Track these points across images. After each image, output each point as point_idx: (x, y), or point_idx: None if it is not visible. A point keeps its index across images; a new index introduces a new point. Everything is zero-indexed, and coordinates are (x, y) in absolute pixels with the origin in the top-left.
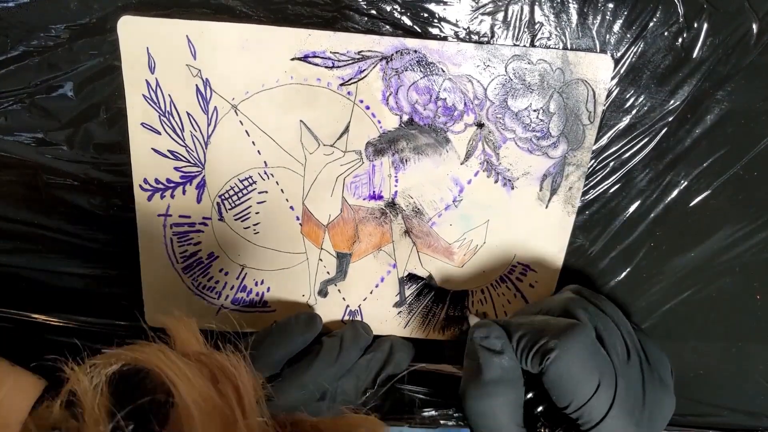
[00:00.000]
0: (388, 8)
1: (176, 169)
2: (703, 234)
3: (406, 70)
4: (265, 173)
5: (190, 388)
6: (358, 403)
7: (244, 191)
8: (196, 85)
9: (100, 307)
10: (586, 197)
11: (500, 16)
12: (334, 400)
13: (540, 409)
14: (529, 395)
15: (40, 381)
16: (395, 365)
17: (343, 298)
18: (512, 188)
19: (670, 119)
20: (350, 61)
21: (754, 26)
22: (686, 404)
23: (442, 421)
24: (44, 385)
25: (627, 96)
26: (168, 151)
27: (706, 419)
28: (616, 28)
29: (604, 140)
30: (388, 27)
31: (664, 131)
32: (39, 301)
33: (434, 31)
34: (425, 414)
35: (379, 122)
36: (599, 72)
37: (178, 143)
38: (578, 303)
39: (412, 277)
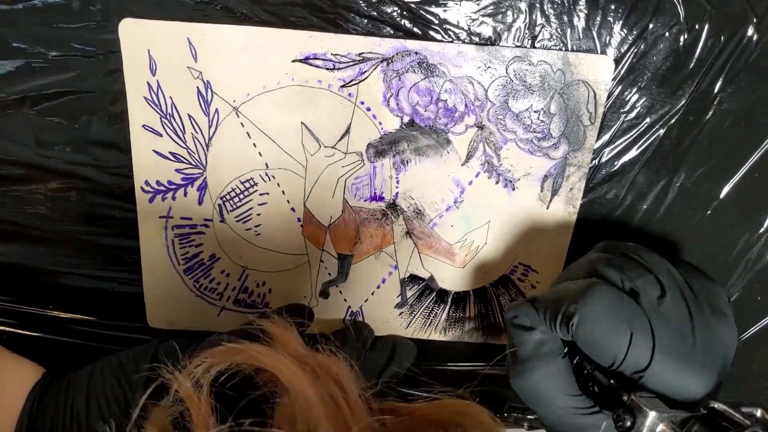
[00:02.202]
0: (389, 10)
1: (177, 171)
2: (704, 235)
3: (407, 72)
4: (267, 175)
5: (303, 385)
6: None
7: (246, 193)
8: (198, 87)
9: (100, 307)
10: (587, 198)
11: (501, 17)
12: None
13: (589, 368)
14: (577, 358)
15: (38, 367)
16: (398, 364)
17: (345, 300)
18: (513, 189)
19: (671, 120)
20: (351, 63)
21: (754, 27)
22: None
23: None
24: (42, 372)
25: (628, 97)
26: (169, 153)
27: None
28: (617, 29)
29: (604, 141)
30: (388, 29)
31: (664, 132)
32: (39, 301)
33: (435, 32)
34: None
35: (380, 124)
36: (600, 73)
37: (179, 145)
38: (601, 260)
39: (413, 278)
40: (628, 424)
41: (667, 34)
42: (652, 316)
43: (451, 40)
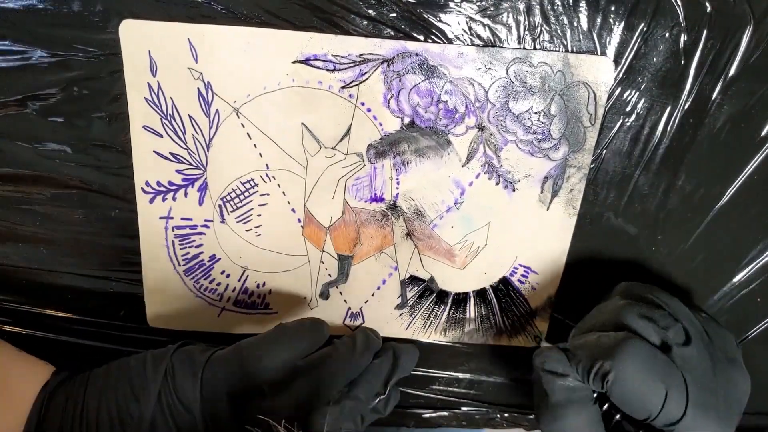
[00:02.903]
0: (389, 11)
1: (178, 171)
2: (704, 237)
3: (408, 73)
4: (267, 176)
5: None
6: (369, 409)
7: (246, 194)
8: (198, 88)
9: (101, 307)
10: (587, 199)
11: (501, 19)
12: (345, 407)
13: (617, 417)
14: (605, 406)
15: (48, 366)
16: (402, 369)
17: (345, 300)
18: (513, 190)
19: (672, 122)
20: (351, 64)
21: (754, 29)
22: None
23: (442, 423)
24: (52, 371)
25: (628, 98)
26: (170, 153)
27: None
28: (617, 30)
29: (605, 142)
30: (389, 30)
31: (665, 134)
32: (40, 301)
33: (435, 34)
34: (425, 416)
35: (381, 125)
36: (600, 74)
37: (179, 146)
38: (629, 310)
39: (413, 279)
40: None
41: (667, 35)
42: (685, 369)
43: (451, 41)
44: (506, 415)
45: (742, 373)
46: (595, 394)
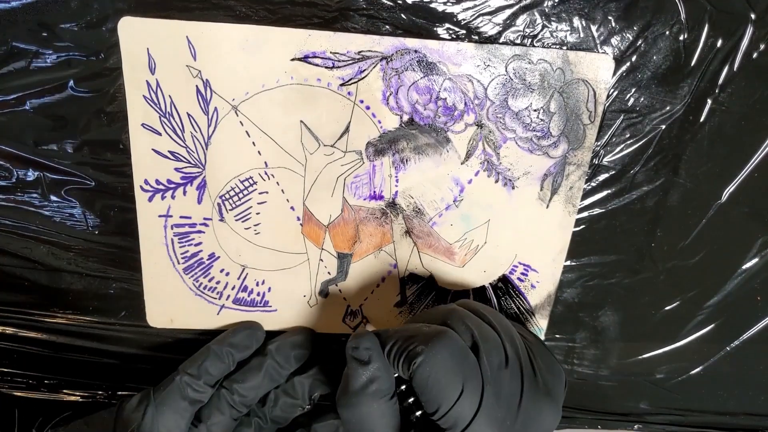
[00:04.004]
0: (388, 8)
1: (177, 169)
2: (704, 235)
3: (407, 70)
4: (266, 174)
5: None
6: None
7: (245, 192)
8: (197, 85)
9: (101, 307)
10: (587, 197)
11: (500, 15)
12: (265, 419)
13: (418, 413)
14: (411, 399)
15: None
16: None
17: (344, 298)
18: (513, 188)
19: (671, 119)
20: (350, 62)
21: (755, 27)
22: (687, 405)
23: None
24: None
25: (627, 96)
26: (168, 151)
27: (706, 420)
28: (617, 27)
29: (604, 140)
30: (387, 27)
31: (664, 131)
32: (40, 301)
33: (434, 30)
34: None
35: (380, 122)
36: (600, 72)
37: (178, 144)
38: (456, 313)
39: (413, 277)
40: None
41: (667, 32)
42: (488, 380)
43: (450, 38)
44: None
45: (554, 410)
46: (396, 391)
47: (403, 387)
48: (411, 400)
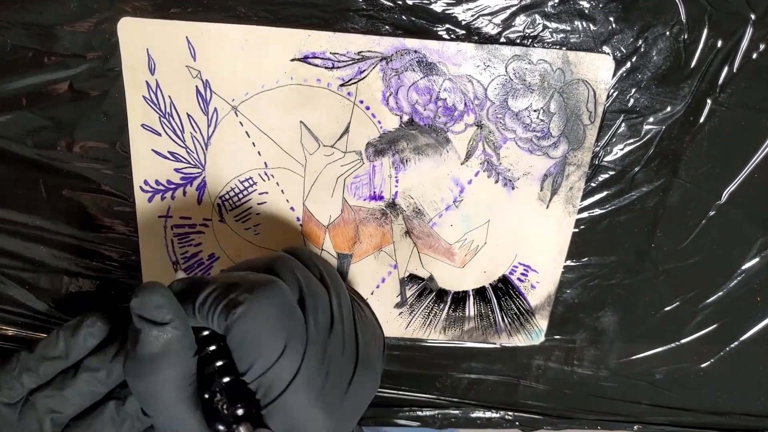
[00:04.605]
0: (388, 8)
1: (176, 170)
2: (704, 235)
3: (406, 71)
4: (266, 174)
5: None
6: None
7: (245, 192)
8: (196, 86)
9: (101, 307)
10: (587, 197)
11: (500, 16)
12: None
13: (226, 380)
14: (219, 363)
15: None
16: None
17: None
18: (513, 188)
19: (671, 120)
20: (350, 62)
21: (755, 27)
22: (686, 405)
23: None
24: None
25: (628, 96)
26: (168, 152)
27: (706, 420)
28: (617, 28)
29: (604, 140)
30: (387, 27)
31: (665, 132)
32: (41, 301)
33: (434, 31)
34: (424, 414)
35: (380, 123)
36: (600, 72)
37: (178, 144)
38: (285, 261)
39: (412, 278)
40: None
41: (667, 33)
42: (312, 341)
43: (450, 38)
44: (506, 415)
45: (371, 378)
46: (197, 353)
47: (212, 348)
48: (219, 364)
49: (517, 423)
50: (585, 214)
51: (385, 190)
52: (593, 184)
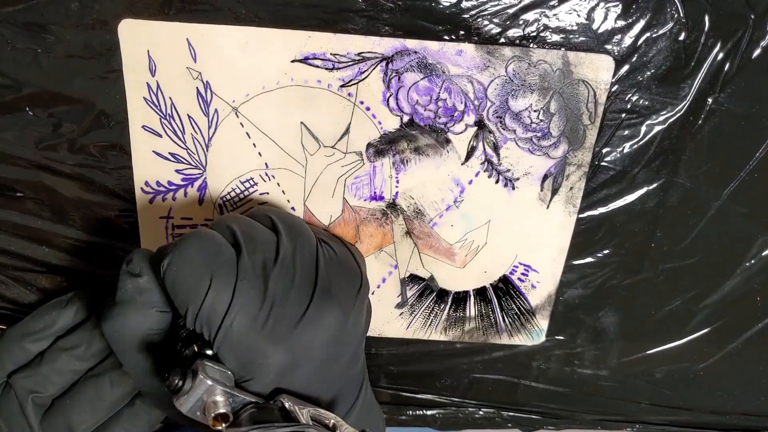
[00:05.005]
0: (388, 9)
1: (177, 171)
2: (704, 235)
3: (407, 71)
4: (266, 175)
5: None
6: None
7: (246, 193)
8: (197, 87)
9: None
10: (587, 197)
11: (500, 16)
12: None
13: (187, 331)
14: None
15: None
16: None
17: None
18: (513, 188)
19: (671, 120)
20: (350, 63)
21: (755, 27)
22: (686, 405)
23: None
24: None
25: (628, 96)
26: (169, 153)
27: (706, 420)
28: (617, 28)
29: (604, 140)
30: (387, 28)
31: (665, 132)
32: (42, 302)
33: (434, 31)
34: (425, 414)
35: (380, 123)
36: (600, 72)
37: (179, 146)
38: (223, 218)
39: (413, 278)
40: (177, 383)
41: (667, 33)
42: (245, 275)
43: (450, 39)
44: (506, 414)
45: (335, 312)
46: (167, 309)
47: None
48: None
49: (517, 423)
50: (585, 214)
51: (385, 191)
52: (593, 184)
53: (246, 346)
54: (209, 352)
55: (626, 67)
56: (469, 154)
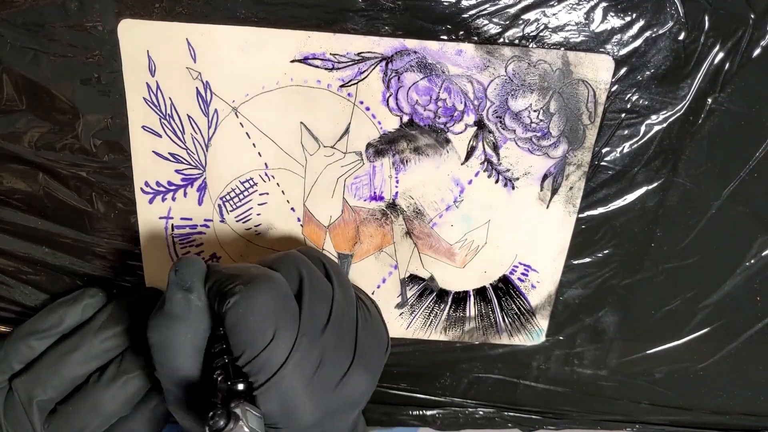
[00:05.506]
0: (388, 9)
1: (177, 171)
2: (704, 235)
3: (406, 71)
4: (266, 175)
5: None
6: None
7: (245, 193)
8: (197, 87)
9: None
10: (587, 197)
11: (500, 16)
12: None
13: (228, 359)
14: (225, 345)
15: None
16: None
17: None
18: (513, 188)
19: (671, 119)
20: (350, 63)
21: (755, 27)
22: (686, 405)
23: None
24: None
25: (627, 96)
26: (169, 153)
27: (706, 420)
28: (617, 28)
29: (604, 140)
30: (387, 28)
31: (664, 131)
32: (42, 302)
33: (434, 31)
34: (425, 414)
35: (380, 123)
36: (600, 72)
37: (179, 146)
38: (289, 257)
39: (413, 278)
40: (220, 424)
41: (667, 33)
42: (305, 331)
43: (450, 38)
44: (506, 414)
45: (368, 377)
46: (210, 326)
47: (222, 329)
48: (225, 345)
49: (517, 423)
50: (585, 214)
51: (385, 191)
52: (593, 184)
53: (290, 399)
54: (241, 387)
55: (626, 67)
56: (469, 154)
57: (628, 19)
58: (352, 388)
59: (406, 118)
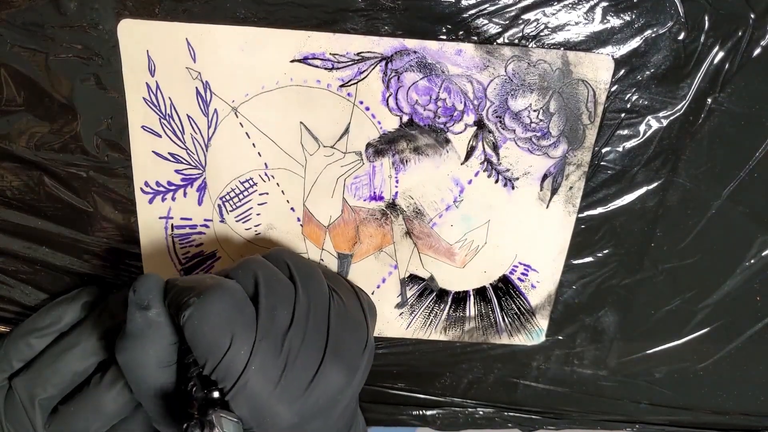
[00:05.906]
0: (388, 9)
1: (177, 171)
2: (704, 235)
3: (406, 71)
4: (266, 175)
5: None
6: None
7: (245, 193)
8: (196, 87)
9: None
10: (587, 197)
11: (500, 16)
12: None
13: (199, 370)
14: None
15: None
16: None
17: None
18: (513, 188)
19: (671, 119)
20: (350, 63)
21: (755, 27)
22: (686, 405)
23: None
24: None
25: (627, 96)
26: (169, 153)
27: (706, 420)
28: (617, 27)
29: (604, 140)
30: (387, 28)
31: (664, 131)
32: (42, 302)
33: (434, 31)
34: (425, 414)
35: (379, 123)
36: (599, 72)
37: (178, 146)
38: (248, 263)
39: (413, 278)
40: None
41: (666, 33)
42: (264, 335)
43: (450, 38)
44: (506, 414)
45: (343, 372)
46: (177, 340)
47: (177, 341)
48: (194, 358)
49: (517, 423)
50: (585, 214)
51: (385, 191)
52: (593, 184)
53: (259, 403)
54: (217, 395)
55: (626, 67)
56: (469, 153)
57: (627, 18)
58: (326, 386)
59: (405, 118)
